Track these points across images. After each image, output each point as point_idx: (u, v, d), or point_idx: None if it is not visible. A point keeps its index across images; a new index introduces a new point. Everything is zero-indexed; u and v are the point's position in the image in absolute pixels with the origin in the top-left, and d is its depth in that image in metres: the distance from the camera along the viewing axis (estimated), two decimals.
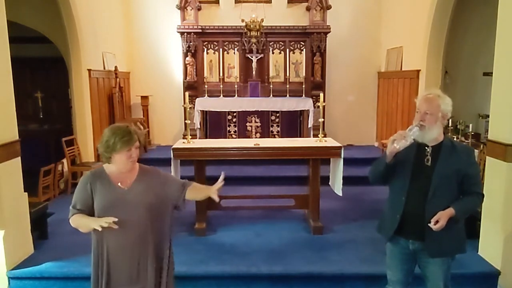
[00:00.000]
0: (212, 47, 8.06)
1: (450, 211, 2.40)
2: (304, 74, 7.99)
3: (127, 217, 2.37)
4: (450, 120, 5.87)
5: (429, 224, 2.38)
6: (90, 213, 2.41)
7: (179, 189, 2.54)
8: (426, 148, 2.49)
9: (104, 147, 2.36)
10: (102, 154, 2.41)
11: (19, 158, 3.92)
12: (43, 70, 8.13)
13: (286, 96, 7.80)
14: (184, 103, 5.09)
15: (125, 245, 2.42)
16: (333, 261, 3.88)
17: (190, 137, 4.86)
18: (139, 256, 2.45)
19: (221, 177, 2.51)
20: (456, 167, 2.44)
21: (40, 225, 4.34)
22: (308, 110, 7.66)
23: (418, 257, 2.62)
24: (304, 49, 7.98)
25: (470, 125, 5.78)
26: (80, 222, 2.37)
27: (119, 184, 2.44)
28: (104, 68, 7.09)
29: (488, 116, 4.96)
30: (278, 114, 7.80)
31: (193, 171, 4.60)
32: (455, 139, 5.63)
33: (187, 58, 7.94)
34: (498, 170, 3.68)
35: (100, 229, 2.23)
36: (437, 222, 2.37)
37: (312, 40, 7.94)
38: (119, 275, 2.45)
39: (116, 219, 2.24)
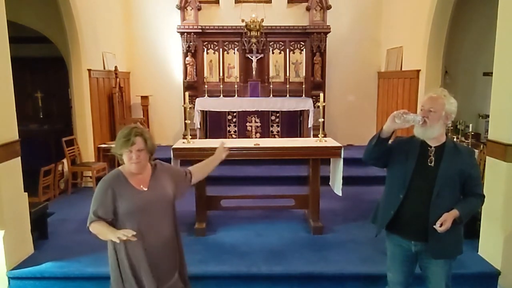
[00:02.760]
0: (212, 47, 8.06)
1: (454, 213, 2.39)
2: (304, 74, 7.99)
3: (156, 218, 2.43)
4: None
5: (434, 226, 2.37)
6: (110, 219, 2.41)
7: (185, 180, 2.66)
8: (429, 148, 2.49)
9: (114, 146, 2.46)
10: (116, 154, 2.48)
11: (19, 158, 3.92)
12: (43, 70, 8.12)
13: (286, 96, 7.80)
14: (184, 103, 5.09)
15: (158, 245, 2.45)
16: (333, 261, 3.87)
17: (190, 137, 4.86)
18: (169, 252, 2.52)
19: (221, 144, 2.82)
20: (460, 168, 2.44)
21: (40, 225, 4.33)
22: (308, 110, 7.66)
23: (420, 258, 2.61)
24: (304, 49, 7.98)
25: (470, 125, 5.78)
26: (99, 231, 2.38)
27: (141, 186, 2.45)
28: (104, 68, 7.09)
29: (488, 116, 4.95)
30: (278, 114, 7.79)
31: None
32: (455, 139, 5.64)
33: (187, 58, 7.94)
34: (498, 170, 3.68)
35: (118, 241, 2.25)
36: (441, 224, 2.36)
37: (312, 40, 7.94)
38: (150, 276, 2.44)
39: (134, 232, 2.24)
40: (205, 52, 7.85)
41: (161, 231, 2.46)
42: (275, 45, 8.07)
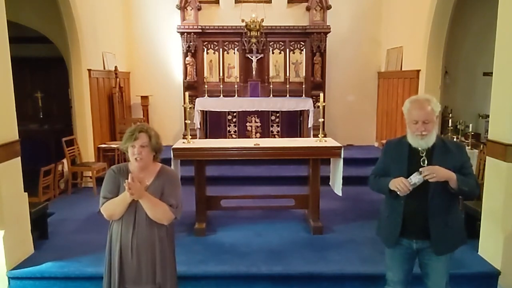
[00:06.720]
0: (212, 47, 8.06)
1: (451, 173, 2.40)
2: (304, 74, 7.99)
3: (137, 217, 2.45)
4: (450, 120, 5.88)
5: (420, 169, 2.40)
6: None
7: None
8: (420, 149, 2.51)
9: (122, 142, 2.53)
10: (123, 150, 2.54)
11: (19, 158, 3.92)
12: (43, 70, 8.13)
13: (286, 96, 7.79)
14: (184, 103, 5.09)
15: (135, 243, 2.47)
16: (333, 261, 3.88)
17: (190, 137, 4.85)
18: (147, 255, 2.49)
19: None
20: (452, 164, 2.46)
21: (40, 225, 4.33)
22: (308, 110, 7.66)
23: (421, 254, 2.63)
24: (304, 49, 7.98)
25: (470, 125, 5.79)
26: (115, 203, 2.45)
27: None
28: (104, 68, 7.09)
29: (488, 116, 4.96)
30: (278, 114, 7.79)
31: (193, 171, 4.60)
32: (455, 139, 5.64)
33: (187, 58, 7.94)
34: (498, 170, 3.68)
35: (128, 196, 2.36)
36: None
37: (312, 40, 7.94)
38: (130, 272, 2.49)
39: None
40: (205, 52, 7.85)
41: (138, 236, 2.47)
42: (275, 45, 8.07)
